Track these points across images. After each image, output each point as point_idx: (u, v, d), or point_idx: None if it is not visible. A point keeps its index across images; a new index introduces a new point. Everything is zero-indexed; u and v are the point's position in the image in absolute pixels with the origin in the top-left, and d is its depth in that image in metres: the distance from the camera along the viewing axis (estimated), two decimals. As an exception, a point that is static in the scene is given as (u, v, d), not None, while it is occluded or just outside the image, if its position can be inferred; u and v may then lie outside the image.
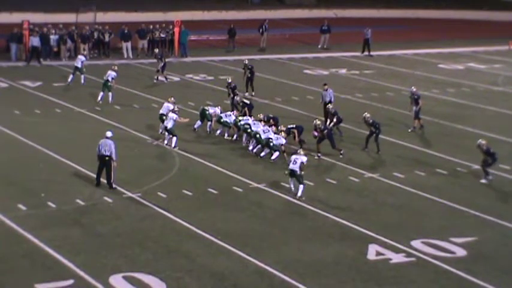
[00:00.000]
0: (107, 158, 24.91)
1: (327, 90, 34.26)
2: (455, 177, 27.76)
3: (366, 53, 51.08)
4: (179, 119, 29.95)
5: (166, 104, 31.55)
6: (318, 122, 29.61)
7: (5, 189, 24.95)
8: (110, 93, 35.94)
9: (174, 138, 29.65)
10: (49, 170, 27.03)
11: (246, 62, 39.57)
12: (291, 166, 25.07)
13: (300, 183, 25.00)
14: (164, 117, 30.80)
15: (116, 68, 37.13)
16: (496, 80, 45.17)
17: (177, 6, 63.58)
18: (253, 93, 38.34)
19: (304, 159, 25.31)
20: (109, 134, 25.41)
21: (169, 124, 29.82)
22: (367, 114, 30.32)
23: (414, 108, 33.35)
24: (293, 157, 25.39)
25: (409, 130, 33.05)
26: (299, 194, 24.93)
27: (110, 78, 36.06)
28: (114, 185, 25.02)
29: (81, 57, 40.74)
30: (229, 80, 35.56)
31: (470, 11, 72.17)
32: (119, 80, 41.08)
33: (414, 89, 34.21)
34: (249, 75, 38.82)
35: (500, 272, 20.41)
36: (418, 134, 32.87)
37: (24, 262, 19.88)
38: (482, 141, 27.80)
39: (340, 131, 31.91)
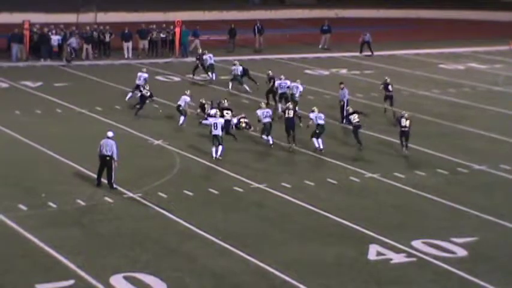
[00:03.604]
0: (107, 158, 24.90)
1: (342, 89, 34.42)
2: (455, 177, 27.76)
3: (369, 53, 50.98)
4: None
5: (183, 97, 33.14)
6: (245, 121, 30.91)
7: (6, 189, 24.96)
8: (182, 117, 33.13)
9: (182, 118, 32.31)
10: (50, 170, 27.04)
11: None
12: None
13: None
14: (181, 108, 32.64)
15: (189, 92, 34.14)
16: (496, 80, 45.16)
17: (177, 6, 63.56)
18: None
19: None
20: (110, 134, 25.42)
21: (183, 103, 32.61)
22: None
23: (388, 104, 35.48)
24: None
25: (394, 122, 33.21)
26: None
27: (182, 104, 33.08)
28: (114, 185, 25.02)
29: (185, 98, 33.69)
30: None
31: (470, 11, 72.11)
32: (121, 80, 41.23)
33: (387, 79, 36.20)
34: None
35: (501, 272, 20.42)
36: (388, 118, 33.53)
37: (24, 262, 19.89)
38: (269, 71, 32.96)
39: (360, 142, 30.47)
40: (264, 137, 30.29)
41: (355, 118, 30.63)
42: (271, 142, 30.21)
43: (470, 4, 73.11)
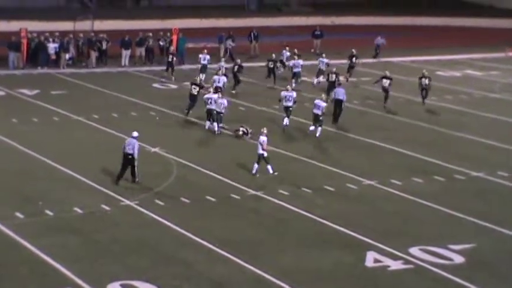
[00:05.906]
0: (129, 157, 25.94)
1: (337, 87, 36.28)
2: (452, 184, 27.78)
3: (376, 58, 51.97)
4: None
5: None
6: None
7: (3, 197, 24.92)
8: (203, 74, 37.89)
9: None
10: (47, 178, 27.00)
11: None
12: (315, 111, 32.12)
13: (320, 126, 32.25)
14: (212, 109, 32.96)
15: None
16: (493, 87, 45.21)
17: (174, 14, 63.60)
18: None
19: (324, 104, 32.26)
20: (135, 134, 26.41)
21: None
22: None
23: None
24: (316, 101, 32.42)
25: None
26: (317, 134, 32.23)
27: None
28: (137, 179, 26.07)
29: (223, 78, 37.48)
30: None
31: (467, 18, 72.28)
32: (117, 88, 41.23)
33: (354, 52, 44.11)
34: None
35: (498, 278, 20.43)
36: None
37: (21, 270, 19.86)
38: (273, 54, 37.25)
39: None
40: (286, 119, 33.31)
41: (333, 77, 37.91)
42: (285, 123, 33.26)
43: (466, 11, 73.27)
